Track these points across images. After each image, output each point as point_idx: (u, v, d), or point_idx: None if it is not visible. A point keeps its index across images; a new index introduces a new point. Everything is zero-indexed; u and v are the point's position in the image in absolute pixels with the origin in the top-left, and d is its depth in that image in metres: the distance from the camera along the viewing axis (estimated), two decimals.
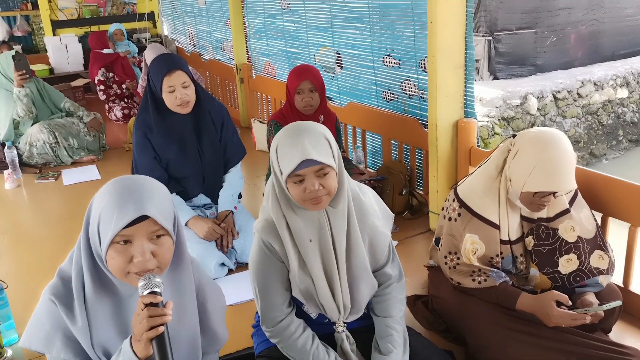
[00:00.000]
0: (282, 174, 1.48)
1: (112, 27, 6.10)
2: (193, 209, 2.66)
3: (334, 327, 1.64)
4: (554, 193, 1.75)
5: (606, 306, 1.71)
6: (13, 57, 4.08)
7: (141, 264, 1.17)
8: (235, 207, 2.74)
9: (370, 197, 1.69)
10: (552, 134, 1.76)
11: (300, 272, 1.55)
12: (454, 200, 1.93)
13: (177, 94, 2.43)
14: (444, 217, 1.98)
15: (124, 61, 5.71)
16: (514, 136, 1.85)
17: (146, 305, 1.13)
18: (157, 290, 1.16)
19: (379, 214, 1.67)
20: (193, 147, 2.60)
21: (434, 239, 2.12)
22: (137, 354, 1.14)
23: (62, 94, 4.69)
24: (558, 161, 1.71)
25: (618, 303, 1.75)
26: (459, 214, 1.89)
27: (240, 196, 2.86)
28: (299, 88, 2.87)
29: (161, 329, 1.12)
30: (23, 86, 4.14)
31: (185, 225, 2.57)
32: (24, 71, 4.08)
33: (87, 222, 1.21)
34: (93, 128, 4.50)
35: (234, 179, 2.77)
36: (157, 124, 2.52)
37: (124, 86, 5.58)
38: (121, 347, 1.18)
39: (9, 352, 2.08)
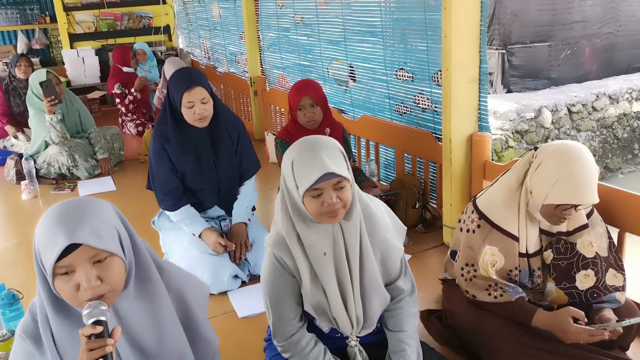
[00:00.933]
0: (298, 188, 1.48)
1: (137, 45, 6.14)
2: (207, 221, 2.67)
3: (346, 341, 1.64)
4: (575, 206, 1.74)
5: (625, 322, 1.68)
6: (40, 83, 4.06)
7: (89, 291, 1.13)
8: (249, 220, 2.74)
9: (381, 209, 1.68)
10: (576, 146, 1.75)
11: (312, 286, 1.54)
12: (472, 212, 1.92)
13: (196, 109, 2.44)
14: (461, 229, 1.97)
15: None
16: (535, 149, 1.85)
17: (88, 337, 1.10)
18: (101, 318, 1.12)
19: (390, 227, 1.67)
20: (209, 160, 2.61)
21: (449, 252, 2.10)
22: None
23: (93, 122, 4.66)
24: (582, 174, 1.70)
25: (638, 320, 1.72)
26: (478, 226, 1.88)
27: (254, 209, 2.86)
28: (300, 104, 2.88)
29: None
30: (54, 112, 4.14)
31: (199, 236, 2.58)
32: (53, 97, 4.06)
33: (35, 255, 1.18)
34: (102, 167, 4.44)
35: (249, 191, 2.78)
36: (174, 136, 2.53)
37: (133, 92, 5.65)
38: None
39: None
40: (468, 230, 1.91)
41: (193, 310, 1.39)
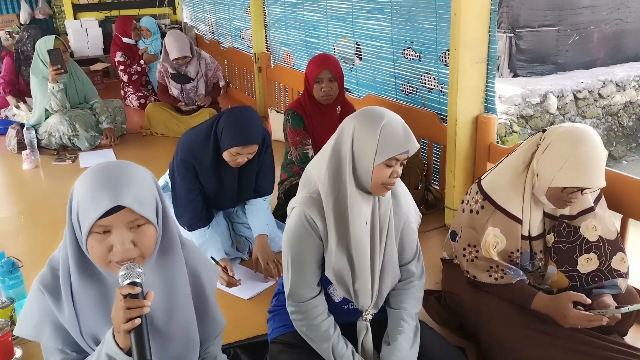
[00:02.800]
0: (377, 153, 1.49)
1: (143, 21, 6.04)
2: (215, 213, 2.64)
3: (362, 314, 1.63)
4: (582, 189, 1.72)
5: (625, 309, 1.68)
6: (48, 51, 4.03)
7: (121, 254, 1.15)
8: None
9: (404, 189, 1.72)
10: (584, 129, 1.74)
11: (338, 253, 1.54)
12: (477, 193, 1.90)
13: (239, 159, 2.35)
14: (463, 210, 1.96)
15: (138, 53, 5.75)
16: (543, 131, 1.83)
17: (124, 296, 1.11)
18: (137, 280, 1.13)
19: (412, 208, 1.70)
20: (233, 184, 2.53)
21: (449, 232, 2.10)
22: (119, 344, 1.13)
23: (97, 92, 4.63)
24: (590, 157, 1.68)
25: (637, 307, 1.72)
26: (482, 207, 1.86)
27: None
28: (319, 77, 2.85)
29: (137, 321, 1.10)
30: (57, 81, 4.12)
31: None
32: (59, 66, 4.04)
33: (70, 211, 1.19)
34: (107, 136, 4.42)
35: (264, 208, 2.66)
36: (209, 163, 2.41)
37: (142, 63, 5.61)
38: (105, 337, 1.17)
39: None
40: (472, 211, 1.90)
41: (206, 289, 1.40)
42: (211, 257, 2.43)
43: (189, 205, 2.43)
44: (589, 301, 1.70)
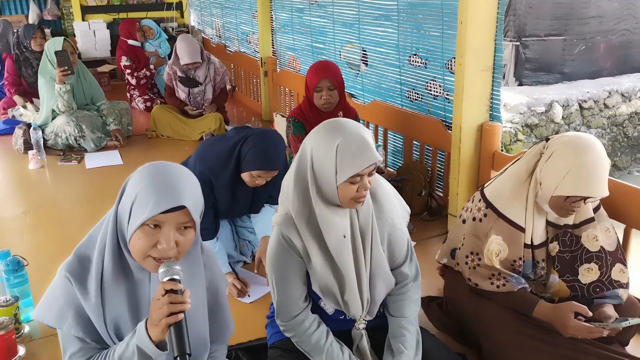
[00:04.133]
0: (337, 172, 1.45)
1: (143, 21, 6.12)
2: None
3: (355, 323, 1.64)
4: (585, 199, 1.73)
5: (625, 323, 1.68)
6: (56, 53, 4.07)
7: (163, 251, 1.19)
8: None
9: (388, 190, 1.68)
10: (588, 138, 1.74)
11: (322, 267, 1.54)
12: (479, 201, 1.91)
13: (259, 181, 2.36)
14: (464, 220, 1.96)
15: (143, 55, 5.80)
16: (547, 139, 1.83)
17: (167, 291, 1.15)
18: (177, 277, 1.17)
19: (398, 211, 1.67)
20: (247, 200, 2.55)
21: (446, 239, 2.10)
22: (151, 337, 1.16)
23: (103, 94, 4.67)
24: (593, 166, 1.68)
25: (638, 320, 1.72)
26: (485, 215, 1.87)
27: None
28: (318, 86, 2.86)
29: (180, 315, 1.14)
30: (64, 82, 4.15)
31: None
32: (66, 67, 4.07)
33: (120, 200, 1.23)
34: (116, 138, 4.46)
35: (270, 212, 2.66)
36: (226, 180, 2.40)
37: (151, 67, 5.64)
38: (136, 328, 1.19)
39: (27, 329, 2.11)
40: (474, 219, 1.90)
41: (220, 294, 1.43)
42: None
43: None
44: (590, 314, 1.69)
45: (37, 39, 4.86)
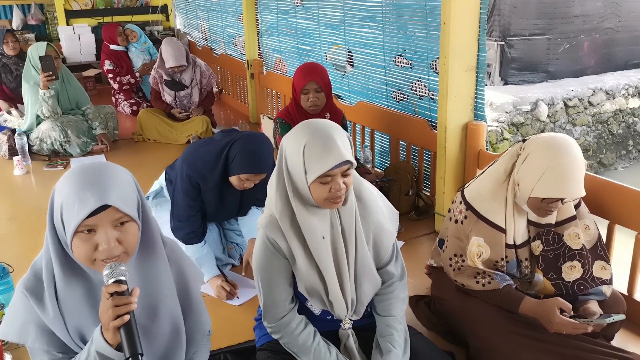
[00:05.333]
0: (307, 173, 1.46)
1: (127, 25, 6.08)
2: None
3: (340, 324, 1.65)
4: (561, 199, 1.74)
5: (609, 320, 1.70)
6: (40, 58, 4.03)
7: (106, 252, 1.17)
8: None
9: (374, 193, 1.68)
10: (563, 139, 1.75)
11: (307, 268, 1.55)
12: (460, 203, 1.92)
13: (247, 185, 2.36)
14: (450, 219, 1.98)
15: (127, 60, 5.74)
16: (523, 140, 1.85)
17: (111, 294, 1.14)
18: (121, 278, 1.16)
19: (384, 211, 1.67)
20: (234, 203, 2.55)
21: (437, 240, 2.11)
22: (108, 341, 1.16)
23: (89, 98, 4.63)
24: (568, 168, 1.70)
25: (621, 317, 1.74)
26: (465, 217, 1.89)
27: None
28: (305, 88, 2.86)
29: (126, 317, 1.13)
30: (48, 87, 4.11)
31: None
32: (50, 72, 4.03)
33: (52, 211, 1.21)
34: (102, 142, 4.42)
35: (257, 215, 2.66)
36: (214, 183, 2.40)
37: (137, 75, 5.61)
38: (93, 335, 1.19)
39: None
40: (456, 221, 1.92)
41: (191, 287, 1.42)
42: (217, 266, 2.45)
43: (188, 220, 2.43)
44: (571, 313, 1.72)
45: (10, 43, 4.78)
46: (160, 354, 1.33)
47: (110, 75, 5.57)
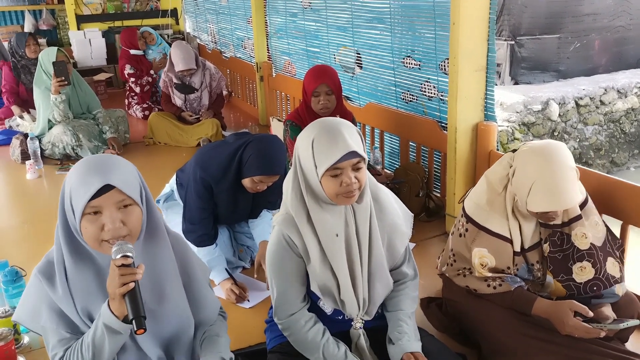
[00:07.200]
0: (317, 167, 1.49)
1: (142, 28, 6.15)
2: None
3: (351, 323, 1.65)
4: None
5: (623, 325, 1.69)
6: (53, 63, 4.08)
7: (112, 231, 1.25)
8: None
9: (388, 195, 1.69)
10: (548, 149, 1.71)
11: (321, 266, 1.55)
12: (461, 216, 1.93)
13: (260, 186, 2.37)
14: (453, 233, 2.00)
15: (146, 62, 5.81)
16: (513, 151, 1.84)
17: (118, 267, 1.23)
18: (128, 254, 1.24)
19: (399, 213, 1.68)
20: (247, 206, 2.55)
21: (446, 250, 2.10)
22: (114, 313, 1.25)
23: (99, 102, 4.68)
24: (554, 179, 1.67)
25: (636, 322, 1.72)
26: (467, 230, 1.89)
27: None
28: (316, 91, 2.87)
29: (131, 284, 1.22)
30: (60, 92, 4.15)
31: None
32: (63, 78, 4.08)
33: (62, 200, 1.30)
34: (112, 146, 4.44)
35: (268, 217, 2.68)
36: (227, 186, 2.40)
37: (152, 73, 5.66)
38: (101, 309, 1.28)
39: (26, 339, 2.11)
40: (460, 235, 1.93)
41: (196, 273, 1.49)
42: (225, 268, 2.45)
43: (201, 223, 2.44)
44: (591, 314, 1.69)
45: (31, 46, 4.91)
46: (168, 337, 1.40)
47: (132, 80, 5.62)
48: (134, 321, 1.21)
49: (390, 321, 1.68)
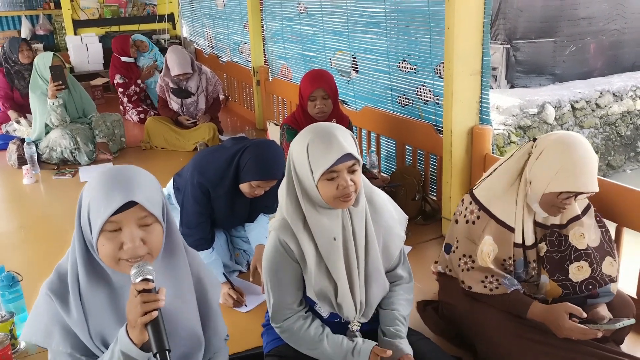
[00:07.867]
0: (312, 172, 1.49)
1: (135, 36, 6.15)
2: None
3: (348, 325, 1.65)
4: (577, 194, 1.75)
5: (619, 324, 1.70)
6: (50, 68, 4.08)
7: (131, 251, 1.18)
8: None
9: (383, 197, 1.70)
10: (576, 136, 1.77)
11: (317, 271, 1.56)
12: (471, 203, 1.92)
13: (257, 191, 2.37)
14: (457, 221, 1.97)
15: (136, 70, 5.80)
16: (534, 139, 1.85)
17: (139, 292, 1.15)
18: (149, 277, 1.17)
19: (394, 215, 1.69)
20: (244, 210, 2.56)
21: (443, 246, 2.11)
22: (133, 340, 1.15)
23: (95, 106, 4.68)
24: (584, 161, 1.71)
25: (631, 321, 1.73)
26: (478, 217, 1.88)
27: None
28: (312, 95, 2.88)
29: (155, 313, 1.13)
30: (57, 97, 4.16)
31: None
32: (60, 82, 4.08)
33: (79, 213, 1.23)
34: (100, 151, 4.43)
35: (264, 221, 2.68)
36: (225, 190, 2.41)
37: (139, 83, 5.66)
38: (118, 335, 1.19)
39: (22, 344, 2.11)
40: (467, 222, 1.91)
41: (208, 294, 1.43)
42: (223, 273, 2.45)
43: (198, 227, 2.44)
44: (584, 315, 1.70)
45: (24, 52, 4.87)
46: (178, 357, 1.34)
47: (120, 89, 5.62)
48: (158, 355, 1.12)
49: (385, 317, 1.69)
